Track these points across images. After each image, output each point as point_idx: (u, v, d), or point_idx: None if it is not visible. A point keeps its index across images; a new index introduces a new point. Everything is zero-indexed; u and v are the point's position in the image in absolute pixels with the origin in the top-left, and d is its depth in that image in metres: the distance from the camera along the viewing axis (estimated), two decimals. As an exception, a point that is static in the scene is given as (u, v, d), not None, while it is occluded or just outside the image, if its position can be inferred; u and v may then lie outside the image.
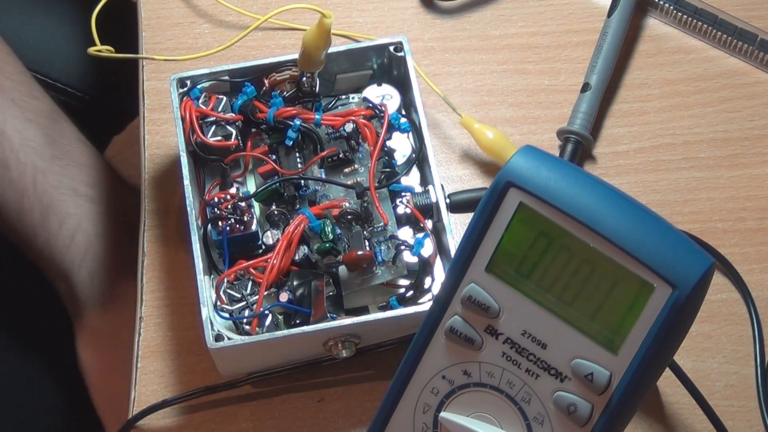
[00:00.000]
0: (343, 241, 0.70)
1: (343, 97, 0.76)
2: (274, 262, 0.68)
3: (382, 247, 0.70)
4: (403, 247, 0.70)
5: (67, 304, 0.92)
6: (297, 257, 0.69)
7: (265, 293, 0.68)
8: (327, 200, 0.71)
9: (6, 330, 0.96)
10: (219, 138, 0.72)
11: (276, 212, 0.71)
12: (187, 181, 0.70)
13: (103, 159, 0.97)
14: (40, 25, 1.06)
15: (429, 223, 0.72)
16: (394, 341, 0.72)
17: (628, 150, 0.80)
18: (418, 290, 0.69)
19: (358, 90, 0.76)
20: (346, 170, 0.73)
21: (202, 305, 0.67)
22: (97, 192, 0.93)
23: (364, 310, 0.70)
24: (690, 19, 0.83)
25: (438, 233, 0.72)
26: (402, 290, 0.70)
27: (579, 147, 0.78)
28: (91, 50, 0.74)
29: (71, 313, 0.92)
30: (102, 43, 0.74)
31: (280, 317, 0.69)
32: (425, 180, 0.73)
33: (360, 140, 0.73)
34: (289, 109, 0.73)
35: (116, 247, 0.91)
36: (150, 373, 0.73)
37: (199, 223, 0.71)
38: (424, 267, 0.70)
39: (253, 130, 0.74)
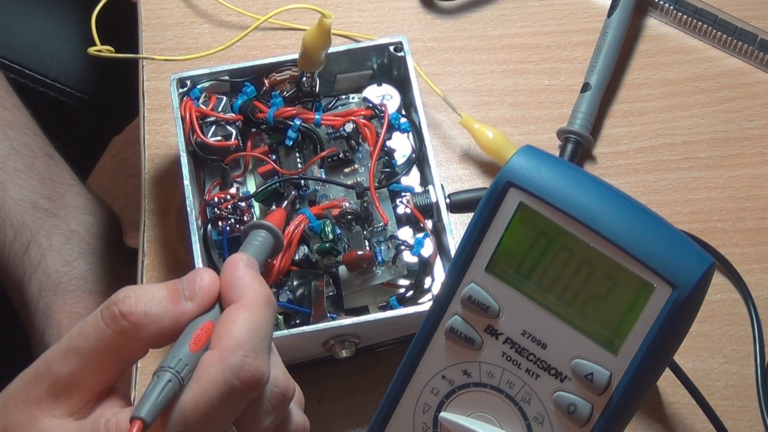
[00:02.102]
0: (343, 241, 0.70)
1: (343, 97, 0.76)
2: (274, 262, 0.68)
3: (382, 247, 0.70)
4: (403, 247, 0.70)
5: (20, 315, 0.91)
6: (297, 257, 0.69)
7: (265, 293, 0.68)
8: (327, 200, 0.71)
9: None
10: (219, 138, 0.72)
11: (276, 212, 0.71)
12: (187, 181, 0.70)
13: (71, 174, 0.96)
14: (39, 24, 1.06)
15: (429, 223, 0.71)
16: (394, 341, 0.72)
17: (628, 150, 0.80)
18: (418, 290, 0.69)
19: (358, 90, 0.76)
20: (346, 170, 0.73)
21: (202, 305, 0.66)
22: (56, 206, 0.92)
23: (364, 310, 0.70)
24: (690, 19, 0.83)
25: (438, 233, 0.71)
26: (402, 290, 0.70)
27: (579, 147, 0.78)
28: (91, 50, 0.74)
29: (25, 325, 0.91)
30: (102, 44, 0.74)
31: (280, 317, 0.69)
32: (425, 180, 0.73)
33: (360, 140, 0.73)
34: (289, 109, 0.73)
35: (70, 262, 0.90)
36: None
37: (199, 223, 0.71)
38: (424, 267, 0.70)
39: (253, 130, 0.74)
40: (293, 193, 0.71)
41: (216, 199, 0.71)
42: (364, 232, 0.70)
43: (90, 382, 0.51)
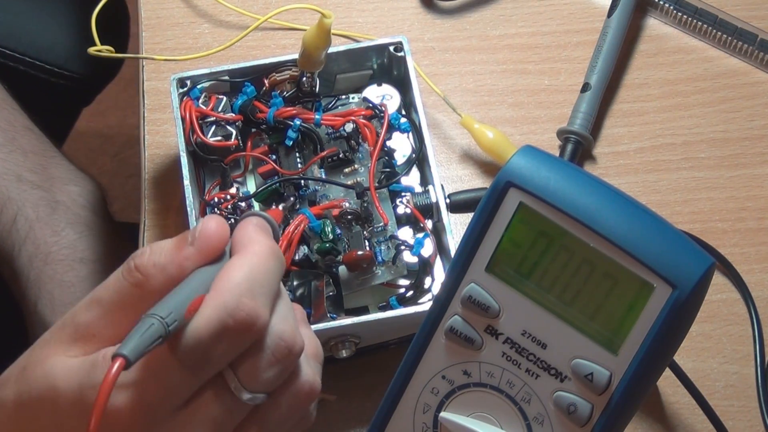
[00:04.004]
0: (343, 241, 0.70)
1: (343, 97, 0.75)
2: (274, 262, 0.68)
3: (382, 247, 0.70)
4: (403, 247, 0.70)
5: (12, 288, 0.92)
6: (297, 257, 0.69)
7: (265, 293, 0.68)
8: (327, 200, 0.71)
9: None
10: (219, 138, 0.72)
11: (276, 212, 0.71)
12: (187, 181, 0.70)
13: (52, 146, 0.97)
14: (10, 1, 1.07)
15: (429, 223, 0.71)
16: (394, 341, 0.72)
17: (628, 150, 0.80)
18: (418, 290, 0.69)
19: (358, 90, 0.76)
20: (346, 170, 0.73)
21: (202, 305, 0.66)
22: (40, 178, 0.93)
23: (364, 310, 0.70)
24: (690, 19, 0.83)
25: (438, 233, 0.71)
26: (402, 290, 0.70)
27: (579, 147, 0.78)
28: (91, 50, 0.75)
29: (17, 297, 0.92)
30: (89, 34, 0.75)
31: (280, 317, 0.69)
32: (425, 180, 0.73)
33: (360, 140, 0.73)
34: (289, 109, 0.73)
35: (57, 232, 0.91)
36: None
37: (199, 223, 0.70)
38: (424, 267, 0.70)
39: (253, 130, 0.74)
40: (291, 199, 0.71)
41: (216, 199, 0.71)
42: (364, 232, 0.70)
43: (107, 332, 0.52)
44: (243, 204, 0.71)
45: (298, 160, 0.73)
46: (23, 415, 0.53)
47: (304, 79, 0.73)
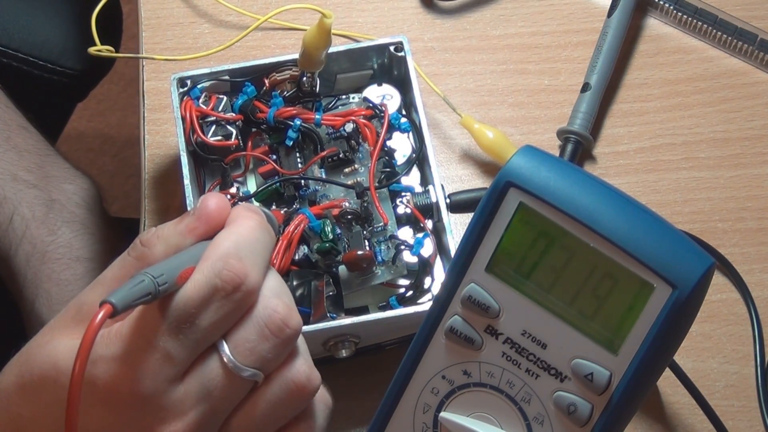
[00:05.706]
0: (343, 241, 0.70)
1: (343, 97, 0.76)
2: (274, 261, 0.68)
3: (382, 247, 0.70)
4: (403, 247, 0.70)
5: (9, 287, 0.93)
6: (297, 257, 0.69)
7: (265, 293, 0.68)
8: (327, 200, 0.71)
9: None
10: (219, 138, 0.72)
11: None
12: (187, 181, 0.70)
13: (47, 144, 0.97)
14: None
15: (429, 223, 0.72)
16: (394, 341, 0.72)
17: (628, 150, 0.80)
18: (418, 290, 0.69)
19: (358, 90, 0.76)
20: (346, 170, 0.73)
21: (202, 305, 0.66)
22: (36, 177, 0.93)
23: (364, 310, 0.70)
24: (690, 19, 0.83)
25: (438, 233, 0.72)
26: (402, 290, 0.70)
27: (579, 147, 0.78)
28: (92, 50, 0.75)
29: (14, 296, 0.92)
30: (83, 29, 0.74)
31: (280, 317, 0.69)
32: (425, 180, 0.73)
33: (360, 140, 0.73)
34: (289, 109, 0.73)
35: (54, 231, 0.91)
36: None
37: (199, 223, 0.70)
38: (424, 267, 0.70)
39: (254, 130, 0.74)
40: (294, 206, 0.71)
41: (216, 199, 0.71)
42: (364, 232, 0.70)
43: None
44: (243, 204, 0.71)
45: (299, 160, 0.73)
46: (25, 395, 0.53)
47: (305, 79, 0.73)
